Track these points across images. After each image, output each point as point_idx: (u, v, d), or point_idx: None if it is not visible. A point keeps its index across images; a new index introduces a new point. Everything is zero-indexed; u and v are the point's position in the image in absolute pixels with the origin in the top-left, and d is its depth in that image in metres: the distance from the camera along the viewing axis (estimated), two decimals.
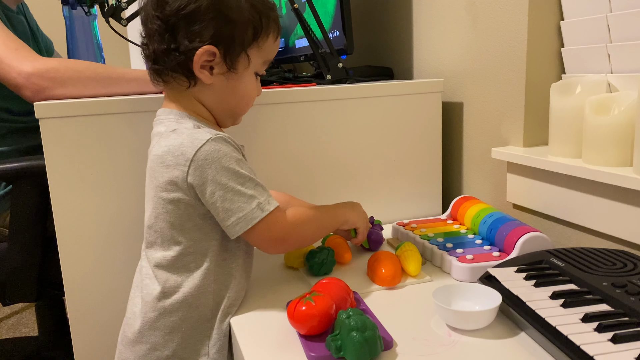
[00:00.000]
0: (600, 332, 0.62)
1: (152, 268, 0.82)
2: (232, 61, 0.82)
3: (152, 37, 0.81)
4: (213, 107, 0.86)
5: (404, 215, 1.25)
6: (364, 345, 0.64)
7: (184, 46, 0.79)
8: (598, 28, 0.94)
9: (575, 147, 0.94)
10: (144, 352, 0.81)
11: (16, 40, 1.12)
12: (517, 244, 0.88)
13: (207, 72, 0.81)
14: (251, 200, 0.77)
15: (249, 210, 0.77)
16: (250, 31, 0.82)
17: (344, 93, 1.15)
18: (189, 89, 0.83)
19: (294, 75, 1.45)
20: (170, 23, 0.79)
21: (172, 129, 0.80)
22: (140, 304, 0.82)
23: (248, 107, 0.90)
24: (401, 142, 1.22)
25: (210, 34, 0.79)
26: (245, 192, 0.77)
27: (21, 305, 2.31)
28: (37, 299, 1.23)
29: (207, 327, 0.81)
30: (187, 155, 0.76)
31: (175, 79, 0.82)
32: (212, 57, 0.80)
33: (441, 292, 0.76)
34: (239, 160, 0.79)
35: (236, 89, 0.85)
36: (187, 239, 0.80)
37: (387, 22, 1.55)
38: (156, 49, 0.81)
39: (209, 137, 0.77)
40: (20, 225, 1.15)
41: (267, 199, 0.79)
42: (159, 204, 0.81)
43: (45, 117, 0.94)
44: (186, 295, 0.80)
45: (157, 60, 0.82)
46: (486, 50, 1.15)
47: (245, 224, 0.77)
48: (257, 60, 0.86)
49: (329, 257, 0.93)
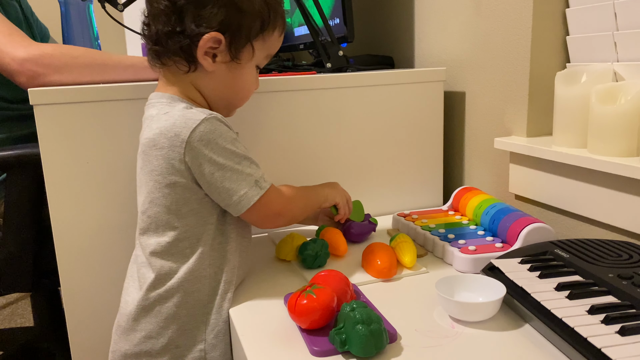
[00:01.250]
0: (607, 324, 0.61)
1: (146, 256, 0.81)
2: (237, 51, 0.81)
3: (157, 18, 0.79)
4: (210, 96, 0.85)
5: (404, 206, 1.23)
6: (370, 338, 0.62)
7: (190, 30, 0.78)
8: (604, 16, 0.92)
9: (580, 137, 0.93)
10: (138, 340, 0.80)
11: (10, 25, 1.09)
12: (520, 235, 0.87)
13: (209, 59, 0.80)
14: (250, 178, 0.78)
15: (248, 188, 0.78)
16: (259, 23, 0.82)
17: (345, 81, 1.14)
18: (188, 74, 0.81)
19: (293, 63, 1.43)
20: (178, 5, 0.77)
21: (164, 112, 0.79)
22: (134, 293, 0.81)
23: (245, 99, 0.89)
24: (402, 131, 1.20)
25: (219, 20, 0.78)
26: (243, 171, 0.78)
27: (16, 295, 2.30)
28: (32, 289, 1.22)
29: (204, 313, 0.80)
30: (182, 136, 0.75)
31: (175, 63, 0.81)
32: (217, 44, 0.79)
33: (444, 284, 0.74)
34: (234, 140, 0.79)
35: (236, 80, 0.84)
36: (183, 224, 0.79)
37: (388, 10, 1.53)
38: (160, 30, 0.79)
39: (204, 116, 0.76)
40: (15, 215, 1.14)
41: (263, 176, 0.81)
42: (154, 188, 0.79)
43: (39, 103, 0.92)
44: (181, 280, 0.79)
45: (158, 41, 0.80)
46: (489, 38, 1.13)
47: (247, 202, 0.78)
48: (261, 53, 0.85)
49: (323, 250, 0.91)
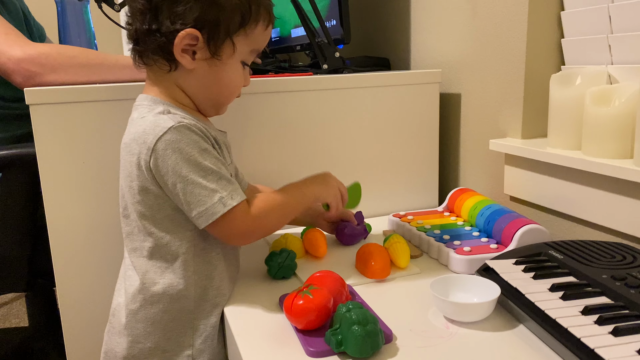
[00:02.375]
0: (600, 324, 0.62)
1: (131, 259, 0.81)
2: (216, 47, 0.78)
3: (135, 16, 0.78)
4: (194, 95, 0.82)
5: (400, 207, 1.23)
6: (366, 339, 0.62)
7: (165, 27, 0.76)
8: (599, 19, 0.93)
9: (574, 139, 0.93)
10: (127, 344, 0.80)
11: (6, 24, 1.09)
12: (515, 236, 0.87)
13: (188, 57, 0.77)
14: (213, 194, 0.74)
15: (210, 204, 0.74)
16: (238, 17, 0.78)
17: (341, 83, 1.14)
18: (170, 73, 0.80)
19: (289, 64, 1.43)
20: (153, 2, 0.76)
21: (142, 116, 0.77)
22: (123, 296, 0.81)
23: (232, 96, 0.86)
24: (398, 133, 1.21)
25: (194, 16, 0.75)
26: (207, 186, 0.74)
27: (11, 295, 2.29)
28: (27, 289, 1.22)
29: (190, 319, 0.80)
30: (148, 144, 0.74)
31: (155, 62, 0.79)
32: (194, 41, 0.76)
33: (439, 284, 0.75)
34: (203, 151, 0.75)
35: (219, 77, 0.81)
36: (159, 229, 0.78)
37: (385, 12, 1.53)
38: (138, 29, 0.78)
39: (172, 124, 0.73)
40: (10, 214, 1.13)
41: (232, 192, 0.75)
42: (129, 193, 0.78)
43: (35, 103, 0.92)
44: (166, 287, 0.78)
45: (138, 40, 0.79)
46: (485, 40, 1.13)
47: (206, 219, 0.74)
48: (244, 49, 0.82)
49: (288, 261, 0.88)
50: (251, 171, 1.09)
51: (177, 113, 0.78)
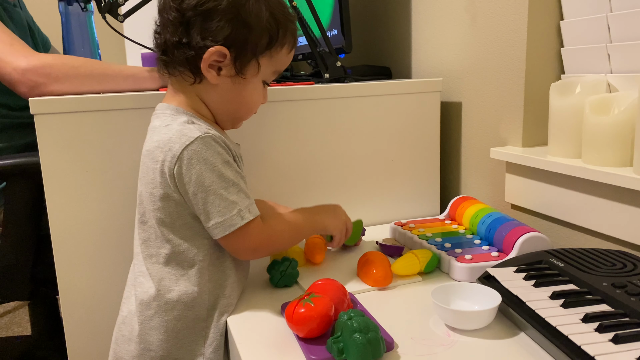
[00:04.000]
0: (601, 332, 0.62)
1: (145, 266, 0.81)
2: (242, 66, 0.81)
3: (166, 27, 0.80)
4: (215, 108, 0.85)
5: (401, 215, 1.24)
6: (367, 347, 0.63)
7: (195, 42, 0.78)
8: (598, 28, 0.94)
9: (574, 147, 0.94)
10: (138, 352, 0.80)
11: (11, 35, 1.11)
12: (516, 244, 0.88)
13: (214, 72, 0.80)
14: (232, 207, 0.76)
15: (228, 216, 0.76)
16: (266, 39, 0.81)
17: (342, 92, 1.15)
18: (194, 85, 0.82)
19: (291, 74, 1.44)
20: (186, 16, 0.78)
21: (165, 124, 0.79)
22: (135, 303, 0.81)
23: (250, 113, 0.89)
24: (399, 141, 1.21)
25: (225, 35, 0.78)
26: (227, 197, 0.76)
27: (14, 304, 2.29)
28: (31, 297, 1.22)
29: (203, 327, 0.80)
30: (174, 152, 0.75)
31: (181, 73, 0.82)
32: (222, 58, 0.79)
33: (440, 292, 0.75)
34: (225, 163, 0.77)
35: (241, 94, 0.84)
36: (177, 237, 0.79)
37: (386, 21, 1.54)
38: (168, 40, 0.80)
39: (198, 134, 0.75)
40: (14, 223, 1.14)
41: (249, 206, 0.78)
42: (150, 200, 0.80)
43: (40, 112, 0.93)
44: (181, 294, 0.79)
45: (166, 51, 0.81)
46: (485, 49, 1.14)
47: (223, 230, 0.76)
48: (267, 69, 0.85)
49: (289, 269, 0.89)
50: (253, 181, 1.10)
51: (200, 124, 0.80)
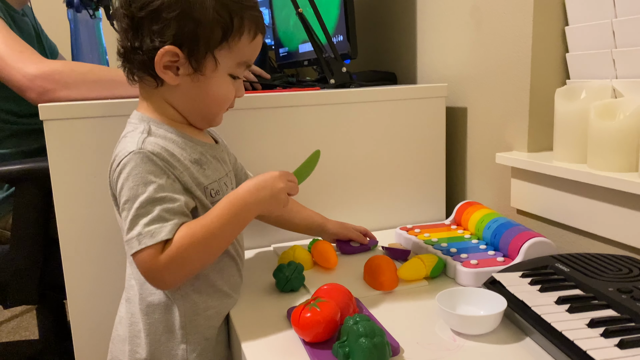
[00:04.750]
0: (606, 337, 0.62)
1: (131, 269, 0.82)
2: (198, 63, 0.77)
3: (121, 35, 0.79)
4: (183, 109, 0.82)
5: (407, 220, 1.24)
6: (373, 351, 0.63)
7: (146, 45, 0.76)
8: (603, 33, 0.94)
9: (580, 153, 0.94)
10: (128, 352, 0.81)
11: (20, 42, 1.12)
12: (521, 249, 0.88)
13: (171, 73, 0.77)
14: (135, 229, 0.71)
15: (129, 237, 0.71)
16: (218, 32, 0.77)
17: (348, 97, 1.15)
18: (158, 89, 0.80)
19: (297, 79, 1.45)
20: (135, 20, 0.76)
21: (123, 135, 0.80)
22: (125, 305, 0.83)
23: (221, 109, 0.84)
24: (405, 146, 1.22)
25: (172, 33, 0.75)
26: (135, 216, 0.71)
27: (21, 308, 2.30)
28: (39, 302, 1.23)
29: (183, 334, 0.80)
30: (115, 164, 0.76)
31: (142, 79, 0.80)
32: (175, 57, 0.76)
33: (445, 297, 0.75)
34: (148, 183, 0.72)
35: (205, 91, 0.80)
36: None
37: (391, 27, 1.55)
38: (124, 47, 0.79)
39: (133, 149, 0.74)
40: (23, 228, 1.15)
41: (156, 229, 0.70)
42: (116, 210, 0.80)
43: (49, 118, 0.94)
44: (161, 298, 0.79)
45: (125, 58, 0.80)
46: (490, 55, 1.15)
47: (129, 249, 0.72)
48: (229, 62, 0.80)
49: (295, 274, 0.88)
50: None
51: (158, 131, 0.78)
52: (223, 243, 0.77)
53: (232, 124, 1.07)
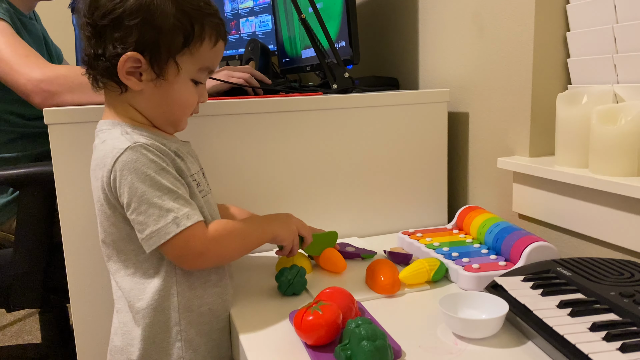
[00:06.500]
0: (608, 341, 0.62)
1: (115, 280, 0.83)
2: (160, 68, 0.79)
3: (85, 42, 0.80)
4: (148, 114, 0.83)
5: (409, 224, 1.24)
6: (375, 354, 0.63)
7: (108, 52, 0.77)
8: (604, 39, 0.95)
9: (581, 157, 0.94)
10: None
11: (26, 47, 1.13)
12: (523, 254, 0.88)
13: (134, 79, 0.79)
14: (167, 214, 0.75)
15: (163, 224, 0.74)
16: (179, 38, 0.79)
17: (350, 102, 1.16)
18: (122, 95, 0.81)
19: (300, 85, 1.46)
20: (98, 28, 0.78)
21: (102, 141, 0.80)
22: (116, 316, 0.84)
23: (185, 114, 0.86)
24: (407, 151, 1.22)
25: (134, 39, 0.77)
26: (161, 205, 0.75)
27: (24, 312, 2.31)
28: (41, 305, 1.23)
29: (178, 331, 0.80)
30: (108, 166, 0.76)
31: (106, 85, 0.82)
32: (137, 63, 0.78)
33: (447, 300, 0.75)
34: (161, 170, 0.76)
35: (168, 96, 0.82)
36: (137, 246, 0.79)
37: (393, 33, 1.56)
38: (88, 54, 0.80)
39: (128, 145, 0.75)
40: (26, 231, 1.16)
41: (188, 213, 0.76)
42: (103, 217, 0.81)
43: (54, 122, 0.95)
44: (149, 300, 0.79)
45: (90, 65, 0.81)
46: (492, 60, 1.15)
47: (159, 239, 0.75)
48: (191, 68, 0.82)
49: (298, 278, 0.88)
50: (260, 190, 1.11)
51: (135, 132, 0.80)
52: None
53: (235, 129, 1.08)
